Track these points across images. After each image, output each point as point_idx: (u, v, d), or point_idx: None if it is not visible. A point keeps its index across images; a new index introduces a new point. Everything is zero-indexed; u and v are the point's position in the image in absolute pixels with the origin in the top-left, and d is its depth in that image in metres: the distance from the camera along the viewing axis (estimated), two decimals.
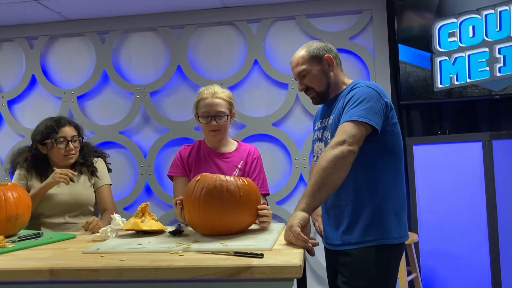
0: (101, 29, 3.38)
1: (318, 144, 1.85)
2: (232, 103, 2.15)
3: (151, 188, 3.32)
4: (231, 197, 1.63)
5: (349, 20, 3.20)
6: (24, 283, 1.40)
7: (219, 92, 2.11)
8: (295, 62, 1.84)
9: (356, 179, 1.69)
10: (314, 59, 1.81)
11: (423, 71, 3.02)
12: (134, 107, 3.35)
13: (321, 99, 1.86)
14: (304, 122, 3.22)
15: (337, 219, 1.75)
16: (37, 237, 1.83)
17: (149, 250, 1.52)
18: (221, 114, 2.08)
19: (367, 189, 1.70)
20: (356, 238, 1.69)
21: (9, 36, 3.46)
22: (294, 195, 3.21)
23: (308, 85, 1.83)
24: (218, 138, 2.13)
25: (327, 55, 1.81)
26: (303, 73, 1.81)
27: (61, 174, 2.08)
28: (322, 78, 1.81)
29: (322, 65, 1.81)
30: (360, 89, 1.70)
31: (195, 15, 3.29)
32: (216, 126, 2.08)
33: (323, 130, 1.83)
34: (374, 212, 1.69)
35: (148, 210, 1.83)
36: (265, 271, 1.30)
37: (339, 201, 1.74)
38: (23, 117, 3.48)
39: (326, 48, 1.83)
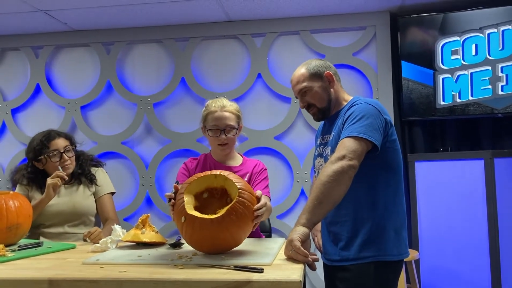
0: (106, 40, 3.41)
1: (319, 160, 1.86)
2: (240, 116, 2.14)
3: (152, 200, 3.32)
4: (222, 229, 1.51)
5: (353, 36, 3.23)
6: None
7: (227, 106, 2.10)
8: (295, 80, 1.85)
9: (356, 196, 1.69)
10: (315, 76, 1.82)
11: (425, 88, 3.04)
12: (137, 118, 3.36)
13: (323, 116, 1.86)
14: (306, 136, 3.22)
15: (336, 235, 1.75)
16: (37, 246, 1.82)
17: (149, 262, 1.51)
18: (231, 127, 2.07)
19: (366, 206, 1.70)
20: (354, 254, 1.69)
21: (15, 45, 3.49)
22: (295, 210, 3.20)
23: (310, 102, 1.84)
24: (226, 151, 2.12)
25: (327, 72, 1.82)
26: (304, 90, 1.82)
27: (51, 181, 2.07)
28: (323, 95, 1.82)
29: (323, 82, 1.82)
30: (360, 106, 1.71)
31: (200, 28, 3.32)
32: (225, 139, 2.07)
33: (324, 146, 1.84)
34: (373, 228, 1.68)
35: (149, 222, 1.82)
36: (265, 286, 1.29)
37: (339, 217, 1.74)
38: (26, 125, 3.49)
39: (325, 66, 1.85)
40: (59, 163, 2.22)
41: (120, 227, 1.83)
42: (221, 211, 1.56)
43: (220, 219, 1.51)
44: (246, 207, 1.57)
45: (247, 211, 1.57)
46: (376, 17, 3.17)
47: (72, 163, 2.27)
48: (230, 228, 1.54)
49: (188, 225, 1.54)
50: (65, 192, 2.27)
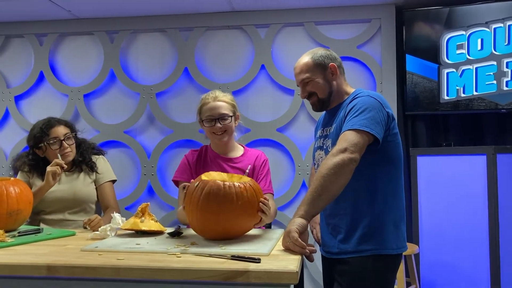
0: (110, 29, 3.40)
1: (319, 152, 1.85)
2: (234, 105, 2.15)
3: (153, 189, 3.33)
4: (228, 202, 1.60)
5: (358, 28, 3.20)
6: (22, 278, 1.40)
7: (220, 96, 2.12)
8: (299, 68, 1.83)
9: (356, 189, 1.69)
10: (319, 67, 1.80)
11: (430, 82, 3.02)
12: (139, 107, 3.36)
13: (322, 106, 1.85)
14: (309, 129, 3.22)
15: (336, 228, 1.75)
16: (37, 233, 1.83)
17: (147, 250, 1.52)
18: (224, 116, 2.08)
19: (366, 199, 1.70)
20: (353, 247, 1.69)
21: (19, 32, 3.49)
22: (296, 201, 3.20)
23: (311, 91, 1.83)
24: (224, 140, 2.11)
25: (331, 64, 1.81)
26: (306, 80, 1.81)
27: (51, 168, 2.08)
28: (325, 86, 1.81)
29: (326, 73, 1.80)
30: (362, 99, 1.70)
31: (204, 18, 3.30)
32: (220, 128, 2.08)
33: (324, 138, 1.83)
34: (372, 222, 1.68)
35: (148, 211, 1.83)
36: (262, 276, 1.30)
37: (338, 210, 1.74)
38: (29, 113, 3.50)
39: (331, 57, 1.83)
40: (59, 150, 2.22)
41: (119, 215, 1.83)
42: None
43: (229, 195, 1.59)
44: (254, 194, 1.65)
45: (254, 200, 1.64)
46: (381, 10, 3.14)
47: (72, 150, 2.28)
48: (237, 209, 1.60)
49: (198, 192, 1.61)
50: (66, 180, 2.28)
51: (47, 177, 2.09)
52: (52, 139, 2.23)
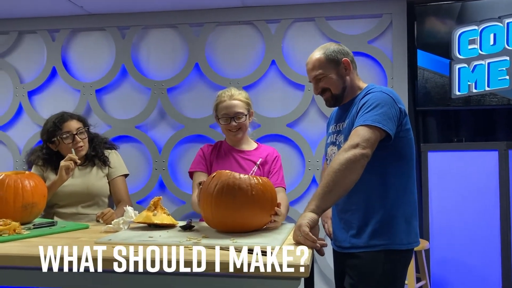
0: (122, 24, 3.42)
1: (332, 147, 1.85)
2: (249, 103, 2.23)
3: (165, 184, 3.36)
4: (242, 195, 1.64)
5: (369, 23, 3.19)
6: (37, 269, 1.43)
7: (236, 94, 2.19)
8: (311, 64, 1.83)
9: (367, 185, 1.69)
10: (331, 62, 1.79)
11: (441, 77, 3.00)
12: (151, 102, 3.38)
13: (335, 102, 1.85)
14: (319, 124, 3.22)
15: (348, 223, 1.76)
16: (51, 225, 1.86)
17: (159, 243, 1.54)
18: (240, 114, 2.16)
19: (377, 195, 1.70)
20: (364, 242, 1.70)
21: (32, 28, 3.53)
22: (306, 197, 3.21)
23: (324, 87, 1.82)
24: (239, 136, 2.21)
25: (344, 59, 1.80)
26: (319, 76, 1.80)
27: (64, 163, 2.12)
28: (338, 81, 1.80)
29: (339, 69, 1.80)
30: (375, 94, 1.70)
31: (214, 13, 3.31)
32: (236, 126, 2.17)
33: (337, 134, 1.83)
34: (384, 217, 1.69)
35: (161, 204, 1.85)
36: (273, 268, 1.31)
37: (350, 205, 1.75)
38: (42, 108, 3.54)
39: (343, 52, 1.82)
40: (71, 145, 2.25)
41: (132, 209, 1.86)
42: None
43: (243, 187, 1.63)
44: (268, 190, 1.68)
45: (267, 195, 1.68)
46: (392, 4, 3.13)
47: (84, 145, 2.31)
48: (250, 202, 1.63)
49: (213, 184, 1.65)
50: (79, 174, 2.31)
51: (60, 172, 2.12)
52: (65, 133, 2.26)
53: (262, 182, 1.70)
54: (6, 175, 1.87)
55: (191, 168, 2.22)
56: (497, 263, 2.73)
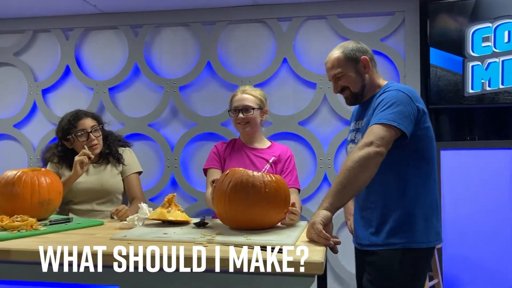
0: (135, 23, 3.45)
1: (351, 145, 1.86)
2: (262, 100, 2.27)
3: (177, 181, 3.38)
4: (256, 192, 1.64)
5: (381, 21, 3.18)
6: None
7: (249, 89, 2.25)
8: (330, 63, 1.82)
9: (385, 183, 1.70)
10: (350, 60, 1.79)
11: (454, 75, 2.98)
12: (163, 100, 3.41)
13: (355, 100, 1.85)
14: (331, 122, 3.22)
15: (367, 220, 1.77)
16: (67, 222, 1.89)
17: (174, 239, 1.55)
18: (248, 107, 2.19)
19: (396, 193, 1.70)
20: (383, 240, 1.70)
21: (46, 27, 3.57)
22: (318, 195, 3.21)
23: (344, 86, 1.82)
24: (247, 130, 2.23)
25: (363, 57, 1.80)
26: (338, 75, 1.80)
27: (78, 158, 2.15)
28: (357, 80, 1.80)
29: (358, 67, 1.80)
30: (391, 93, 1.70)
31: (226, 11, 3.32)
32: (243, 119, 2.20)
33: (356, 132, 1.84)
34: (402, 215, 1.69)
35: (175, 201, 1.87)
36: (287, 265, 1.32)
37: (369, 203, 1.75)
38: (56, 106, 3.58)
39: (362, 50, 1.82)
40: (86, 142, 2.28)
41: (146, 206, 1.88)
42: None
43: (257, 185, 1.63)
44: (281, 187, 1.69)
45: (281, 193, 1.68)
46: (405, 2, 3.11)
47: (99, 142, 2.33)
48: (264, 200, 1.64)
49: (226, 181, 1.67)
50: (94, 171, 2.34)
51: (75, 166, 2.15)
52: (80, 131, 2.29)
53: (275, 180, 1.71)
54: (23, 172, 1.90)
55: (205, 165, 2.26)
56: (509, 261, 2.72)
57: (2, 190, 1.87)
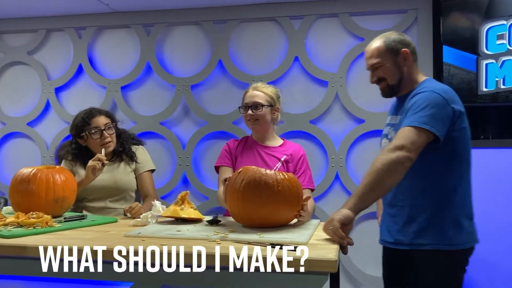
0: (147, 22, 3.46)
1: (385, 140, 1.85)
2: (273, 97, 2.26)
3: (188, 179, 3.39)
4: (268, 190, 1.65)
5: (394, 19, 3.16)
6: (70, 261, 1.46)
7: (260, 86, 2.25)
8: (370, 53, 1.79)
9: (415, 182, 1.68)
10: (390, 51, 1.76)
11: (467, 73, 2.95)
12: (175, 99, 3.42)
13: (391, 93, 1.82)
14: (343, 121, 3.20)
15: (393, 218, 1.76)
16: (81, 219, 1.91)
17: (188, 237, 1.56)
18: (257, 104, 2.20)
19: (425, 193, 1.69)
20: (409, 239, 1.69)
21: (59, 26, 3.60)
22: (329, 194, 3.21)
23: (381, 77, 1.79)
24: (257, 128, 2.24)
25: (404, 49, 1.76)
26: (376, 65, 1.78)
27: (91, 163, 2.16)
28: (395, 72, 1.77)
29: (398, 59, 1.76)
30: (425, 94, 1.66)
31: (238, 10, 3.33)
32: (252, 115, 2.20)
33: (391, 127, 1.82)
34: (431, 216, 1.67)
35: (188, 199, 1.88)
36: (301, 263, 1.32)
37: (396, 201, 1.75)
38: (69, 104, 3.61)
39: (404, 42, 1.78)
40: (99, 140, 2.30)
41: (160, 203, 1.89)
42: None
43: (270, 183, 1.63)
44: (293, 187, 1.69)
45: (294, 191, 1.68)
46: (418, 0, 3.09)
47: (112, 140, 2.35)
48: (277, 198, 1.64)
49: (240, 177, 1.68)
50: (107, 169, 2.35)
51: (87, 172, 2.17)
52: (93, 128, 2.31)
53: (288, 178, 1.71)
54: (38, 170, 1.92)
55: (217, 163, 2.26)
56: None
57: (18, 187, 1.89)
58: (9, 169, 3.67)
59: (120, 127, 2.47)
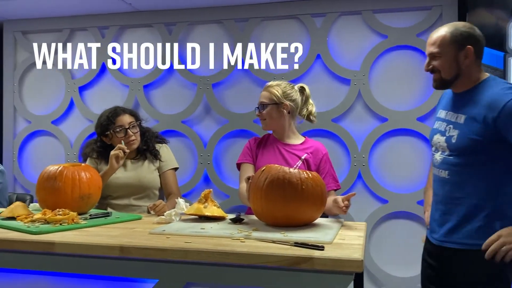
0: (169, 21, 3.48)
1: (438, 137, 1.78)
2: (278, 95, 2.23)
3: (209, 177, 3.40)
4: (292, 189, 1.64)
5: (418, 16, 3.11)
6: (96, 257, 1.48)
7: (270, 85, 2.28)
8: (433, 39, 1.72)
9: (478, 183, 1.66)
10: (455, 44, 1.68)
11: (494, 71, 2.89)
12: (196, 98, 3.43)
13: (442, 86, 1.76)
14: (365, 119, 3.17)
15: (445, 216, 1.73)
16: (106, 216, 1.93)
17: (212, 234, 1.57)
18: (262, 104, 2.24)
19: (487, 195, 1.65)
20: (462, 238, 1.67)
21: (83, 26, 3.64)
22: None
23: (436, 68, 1.73)
24: (264, 127, 2.27)
25: (469, 46, 1.68)
26: (435, 54, 1.71)
27: (114, 152, 2.19)
28: (452, 66, 1.70)
29: (459, 54, 1.69)
30: None
31: (259, 8, 3.32)
32: (259, 115, 2.26)
33: (448, 124, 1.75)
34: (489, 218, 1.64)
35: (211, 197, 1.88)
36: (326, 263, 1.31)
37: (452, 199, 1.71)
38: (92, 103, 3.65)
39: (472, 37, 1.69)
40: (124, 138, 2.32)
41: (183, 201, 1.90)
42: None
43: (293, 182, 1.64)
44: (317, 186, 1.69)
45: (318, 190, 1.68)
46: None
47: (136, 138, 2.38)
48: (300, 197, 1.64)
49: (262, 178, 1.68)
50: (132, 167, 2.38)
51: (111, 161, 2.20)
52: (118, 127, 2.33)
53: (312, 177, 1.70)
54: (64, 167, 1.95)
55: (239, 160, 2.28)
56: None
57: (45, 184, 1.93)
58: (34, 167, 3.74)
59: (144, 126, 2.49)
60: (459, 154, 1.69)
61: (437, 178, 1.79)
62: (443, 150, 1.75)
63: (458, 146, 1.68)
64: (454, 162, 1.70)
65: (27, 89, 3.79)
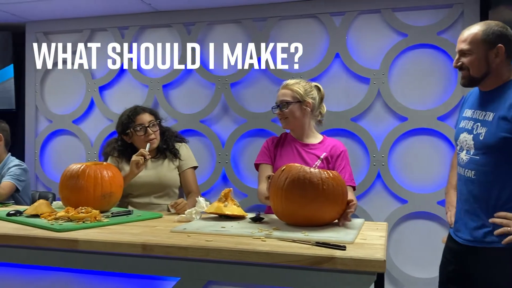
0: (187, 21, 3.50)
1: (465, 135, 1.76)
2: (300, 92, 2.20)
3: (227, 176, 3.41)
4: (313, 189, 1.63)
5: (438, 14, 3.08)
6: (119, 255, 1.50)
7: (290, 83, 2.24)
8: (464, 36, 1.71)
9: (504, 184, 1.64)
10: (485, 43, 1.67)
11: None
12: (215, 97, 3.45)
13: (470, 84, 1.75)
14: (384, 119, 3.15)
15: (471, 215, 1.72)
16: (128, 214, 1.95)
17: (232, 233, 1.57)
18: (284, 102, 2.19)
19: None
20: (490, 237, 1.65)
21: (103, 26, 3.69)
22: (370, 193, 3.16)
23: (465, 65, 1.72)
24: (284, 125, 2.24)
25: (500, 45, 1.66)
26: (465, 51, 1.70)
27: (134, 158, 2.20)
28: (482, 64, 1.69)
29: (489, 53, 1.68)
30: None
31: (278, 7, 3.32)
32: (280, 114, 2.21)
33: (475, 122, 1.74)
34: None
35: (231, 196, 1.89)
36: (348, 263, 1.31)
37: (478, 198, 1.70)
38: (112, 102, 3.70)
39: (504, 37, 1.68)
40: (143, 137, 2.35)
41: (204, 199, 1.91)
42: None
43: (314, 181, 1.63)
44: (338, 186, 1.67)
45: (339, 189, 1.67)
46: None
47: (156, 137, 2.40)
48: (321, 196, 1.63)
49: (283, 177, 1.67)
50: (152, 166, 2.40)
51: (131, 166, 2.22)
52: (138, 125, 2.36)
53: (332, 176, 1.69)
54: (87, 166, 1.98)
55: (257, 160, 2.26)
56: None
57: (67, 183, 1.96)
58: (55, 165, 3.80)
59: (164, 125, 2.52)
60: (486, 152, 1.66)
61: (462, 177, 1.77)
62: (469, 149, 1.73)
63: (486, 144, 1.66)
64: (481, 161, 1.68)
65: (48, 89, 3.86)
